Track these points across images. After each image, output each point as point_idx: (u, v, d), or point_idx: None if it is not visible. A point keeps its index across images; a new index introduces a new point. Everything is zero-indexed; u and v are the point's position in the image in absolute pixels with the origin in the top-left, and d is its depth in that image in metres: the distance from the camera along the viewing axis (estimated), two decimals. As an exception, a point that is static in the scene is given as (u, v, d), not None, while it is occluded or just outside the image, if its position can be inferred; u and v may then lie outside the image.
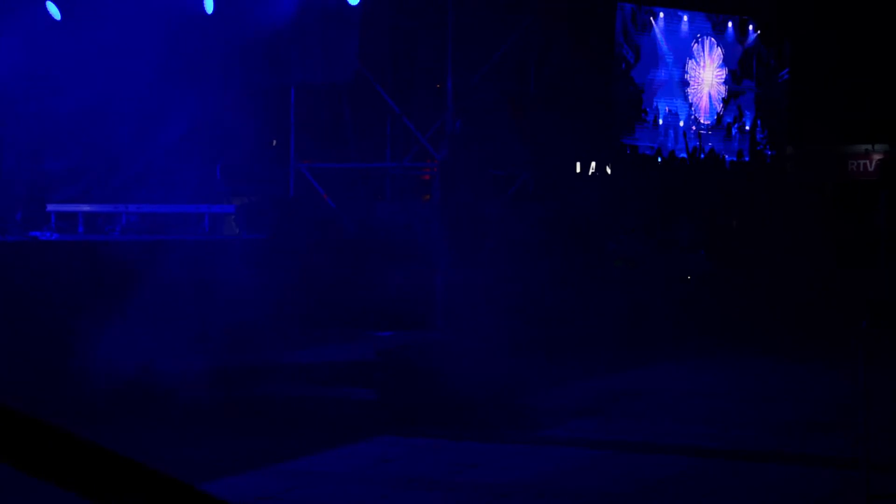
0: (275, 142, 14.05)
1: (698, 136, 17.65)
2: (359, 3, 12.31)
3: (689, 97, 17.66)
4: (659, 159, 16.04)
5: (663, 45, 17.13)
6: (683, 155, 16.88)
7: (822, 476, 6.36)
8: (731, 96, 18.26)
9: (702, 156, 17.07)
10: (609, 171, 14.47)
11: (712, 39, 17.90)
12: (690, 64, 17.62)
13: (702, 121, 17.80)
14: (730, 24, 18.14)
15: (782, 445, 7.08)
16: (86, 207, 12.48)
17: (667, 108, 17.20)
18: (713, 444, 7.05)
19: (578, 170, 14.11)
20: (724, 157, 17.77)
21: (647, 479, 6.25)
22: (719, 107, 18.13)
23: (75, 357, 8.26)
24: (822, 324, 11.45)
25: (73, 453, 1.53)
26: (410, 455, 6.75)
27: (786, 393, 8.91)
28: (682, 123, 17.36)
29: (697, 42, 17.70)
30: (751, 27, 18.42)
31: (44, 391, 7.59)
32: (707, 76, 17.89)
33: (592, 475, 6.34)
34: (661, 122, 17.04)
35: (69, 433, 1.54)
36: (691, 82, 17.68)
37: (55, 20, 12.72)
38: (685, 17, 17.48)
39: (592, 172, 14.44)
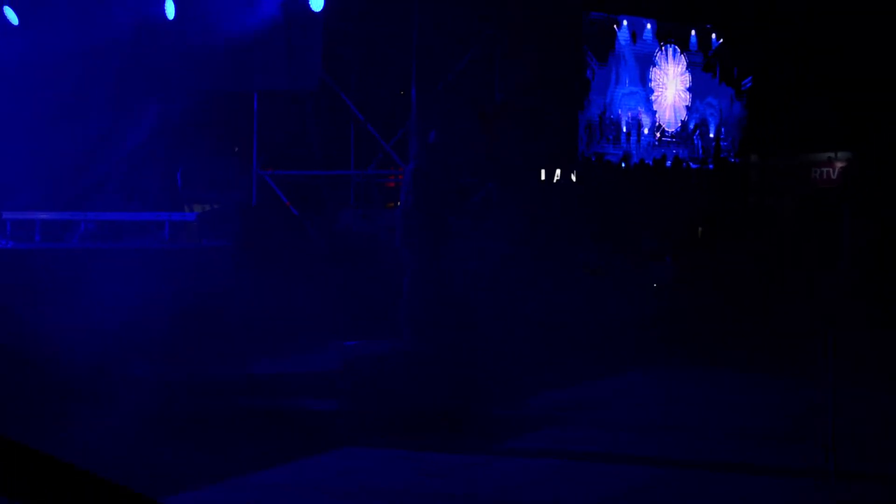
0: (237, 149, 13.91)
1: (663, 143, 17.69)
2: (322, 10, 12.22)
3: (654, 104, 17.69)
4: (623, 166, 16.04)
5: (627, 53, 17.16)
6: (648, 162, 16.90)
7: (789, 486, 6.32)
8: (695, 104, 18.33)
9: (667, 163, 17.10)
10: (574, 179, 14.46)
11: (676, 47, 17.95)
12: (654, 72, 17.66)
13: (666, 128, 17.84)
14: (693, 32, 18.21)
15: (748, 455, 7.04)
16: (43, 215, 12.28)
17: (631, 116, 17.22)
18: (678, 455, 7.00)
19: (543, 177, 14.08)
20: (688, 164, 17.81)
21: (613, 490, 6.19)
22: (683, 114, 18.18)
23: (28, 365, 8.10)
24: (786, 331, 11.45)
25: (26, 465, 1.48)
26: (374, 466, 6.66)
27: (751, 402, 8.89)
28: (646, 131, 17.39)
29: (661, 50, 17.75)
30: (714, 35, 18.50)
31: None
32: (671, 84, 17.94)
33: (557, 486, 6.27)
34: (625, 129, 17.05)
35: (22, 446, 1.49)
36: (655, 90, 17.71)
37: (13, 25, 12.53)
38: (648, 25, 17.51)
39: (557, 180, 14.42)
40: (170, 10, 12.49)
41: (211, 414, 7.94)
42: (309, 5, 12.17)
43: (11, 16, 12.51)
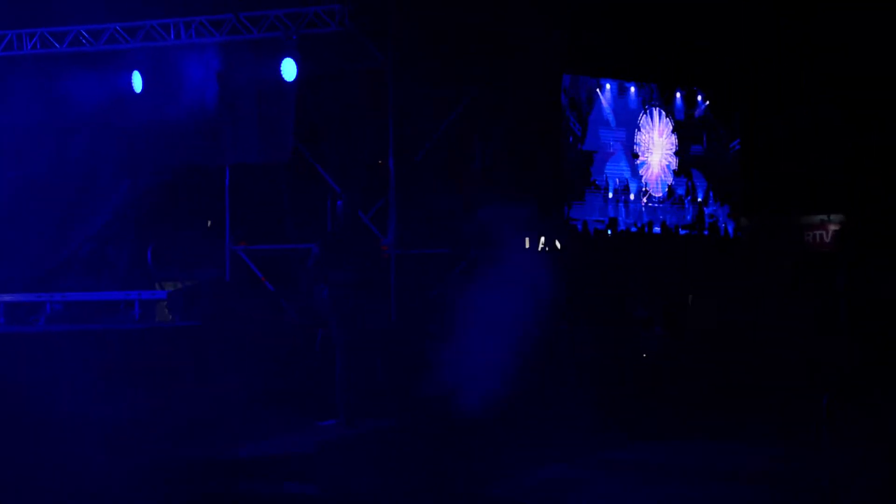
0: (210, 223, 13.57)
1: (650, 209, 17.41)
2: (295, 80, 11.97)
3: (639, 169, 17.47)
4: (609, 232, 15.76)
5: (611, 116, 16.98)
6: (635, 229, 16.62)
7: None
8: (682, 167, 18.12)
9: (655, 229, 16.81)
10: (559, 246, 14.15)
11: (661, 110, 17.78)
12: (639, 135, 17.46)
13: (653, 193, 17.58)
14: (678, 94, 18.06)
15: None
16: (6, 297, 11.92)
17: (617, 181, 16.99)
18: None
19: (528, 245, 13.76)
20: (677, 230, 17.52)
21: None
22: (670, 179, 17.95)
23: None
24: (784, 398, 11.07)
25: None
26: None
27: (745, 475, 8.44)
28: (632, 196, 17.14)
29: (646, 113, 17.57)
30: (699, 97, 18.36)
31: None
32: (656, 147, 17.74)
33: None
34: (610, 195, 16.80)
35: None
36: (640, 154, 17.50)
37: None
38: (632, 88, 17.36)
39: (542, 248, 14.10)
40: (137, 84, 12.23)
41: (185, 501, 7.54)
42: (281, 75, 11.93)
43: (-27, 91, 12.24)
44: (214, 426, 9.74)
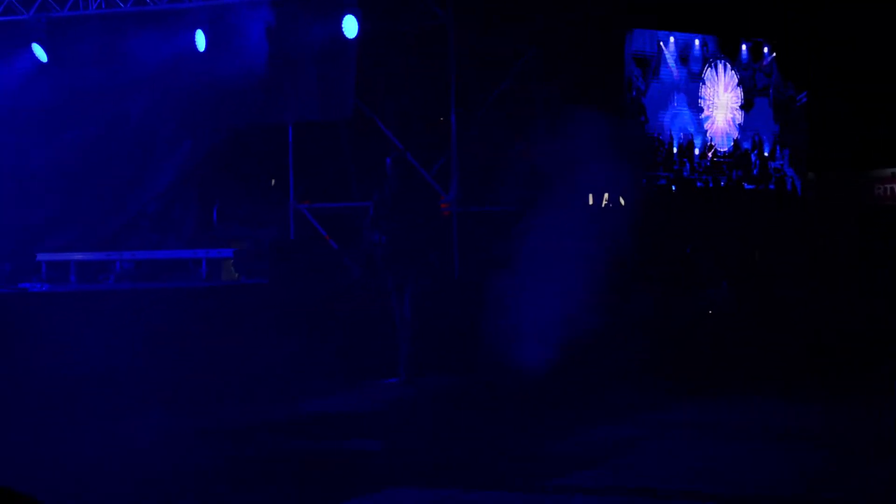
0: (273, 181, 13.64)
1: (715, 164, 17.13)
2: (356, 38, 11.93)
3: (704, 124, 17.18)
4: (674, 188, 15.56)
5: (675, 70, 16.69)
6: (700, 185, 16.37)
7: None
8: (748, 122, 17.78)
9: (721, 184, 16.56)
10: (623, 203, 13.99)
11: (726, 63, 17.43)
12: (704, 89, 17.15)
13: (718, 149, 17.30)
14: (744, 46, 17.69)
15: (804, 493, 6.50)
16: (78, 256, 12.09)
17: (681, 136, 16.72)
18: (732, 492, 6.48)
19: (591, 202, 13.65)
20: (743, 185, 17.22)
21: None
22: (736, 133, 17.63)
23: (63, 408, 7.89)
24: (850, 359, 10.90)
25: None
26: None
27: (809, 436, 8.30)
28: (697, 152, 16.87)
29: (711, 66, 17.24)
30: (766, 49, 17.96)
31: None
32: (722, 102, 17.41)
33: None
34: (675, 150, 16.55)
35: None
36: (706, 109, 17.19)
37: (42, 63, 12.37)
38: (697, 42, 17.03)
39: (606, 204, 13.97)
40: (200, 43, 12.25)
41: (250, 456, 7.69)
42: (342, 32, 11.89)
43: (40, 53, 12.35)
44: (278, 384, 9.86)
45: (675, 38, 16.72)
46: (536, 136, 13.06)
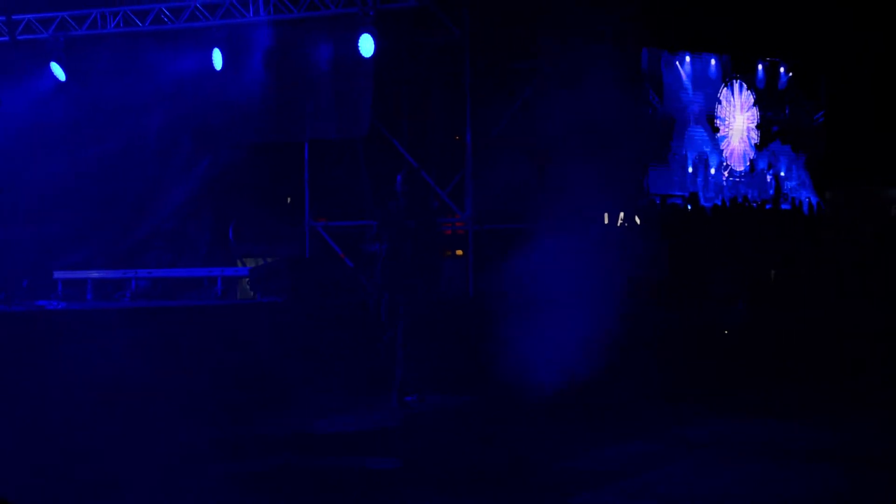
0: (289, 199, 13.65)
1: (730, 183, 17.10)
2: (372, 56, 11.96)
3: (720, 144, 17.14)
4: (689, 207, 15.50)
5: (691, 90, 16.68)
6: (717, 203, 16.32)
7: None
8: (765, 141, 17.73)
9: (738, 202, 16.49)
10: (638, 221, 13.95)
11: (742, 83, 17.42)
12: (720, 109, 17.13)
13: (734, 167, 17.25)
14: (760, 66, 17.67)
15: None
16: (94, 274, 12.11)
17: (697, 156, 16.69)
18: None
19: (607, 221, 13.62)
20: (760, 204, 17.17)
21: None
22: (752, 153, 17.59)
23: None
24: (870, 378, 10.83)
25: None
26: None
27: (833, 455, 8.24)
28: (713, 171, 16.83)
29: (727, 86, 17.23)
30: (782, 69, 17.94)
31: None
32: (738, 121, 17.38)
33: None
34: (690, 170, 16.51)
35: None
36: (721, 128, 17.17)
37: (60, 81, 12.43)
38: (713, 61, 17.02)
39: (621, 223, 13.93)
40: (217, 61, 12.30)
41: (268, 474, 7.62)
42: (359, 51, 11.92)
43: (59, 72, 12.41)
44: (296, 401, 9.83)
45: (690, 57, 16.71)
46: (552, 153, 13.05)
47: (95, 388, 8.41)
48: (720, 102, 17.18)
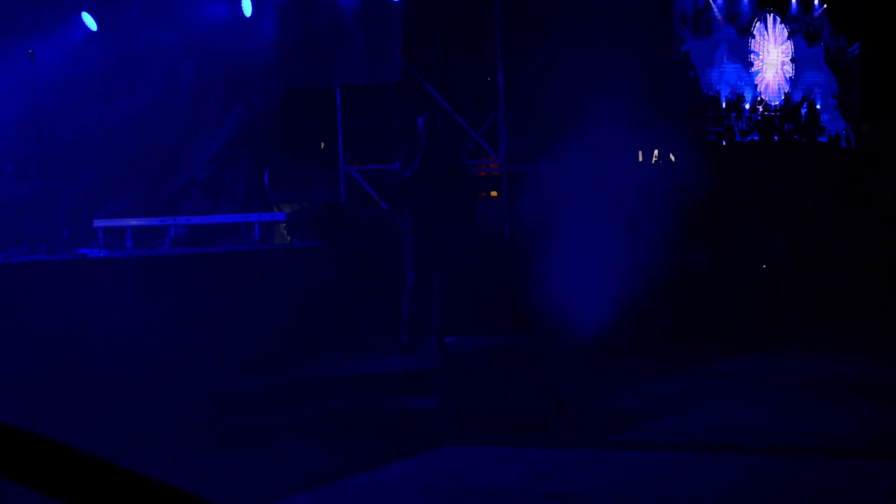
0: (323, 145, 13.66)
1: (766, 118, 16.91)
2: (401, 0, 11.89)
3: (754, 78, 16.93)
4: (724, 143, 15.37)
5: (723, 24, 16.45)
6: (752, 138, 16.16)
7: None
8: (799, 75, 17.49)
9: (775, 138, 16.33)
10: (673, 158, 13.85)
11: (776, 15, 17.15)
12: (753, 43, 16.89)
13: (769, 103, 17.05)
14: (794, -2, 17.43)
15: (882, 443, 6.45)
16: (133, 222, 12.19)
17: (730, 91, 16.50)
18: (805, 443, 6.45)
19: (641, 158, 13.53)
20: (795, 138, 16.99)
21: (735, 481, 5.67)
22: (787, 87, 17.37)
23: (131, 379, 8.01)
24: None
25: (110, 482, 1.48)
26: (480, 465, 6.25)
27: (865, 388, 8.24)
28: (747, 106, 16.64)
29: (759, 19, 16.97)
30: (816, 1, 17.66)
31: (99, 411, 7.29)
32: (772, 55, 17.15)
33: (676, 480, 5.77)
34: (724, 105, 16.34)
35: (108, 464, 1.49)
36: (755, 62, 16.94)
37: (91, 31, 12.44)
38: (745, -6, 16.81)
39: (656, 160, 13.84)
40: (247, 8, 12.26)
41: (309, 416, 7.74)
42: (388, -6, 11.86)
43: (90, 22, 12.40)
44: (338, 344, 9.93)
45: (722, -9, 16.50)
46: (584, 94, 12.95)
47: (141, 333, 8.53)
48: (753, 36, 16.94)
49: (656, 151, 13.81)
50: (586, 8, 12.81)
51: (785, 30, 17.34)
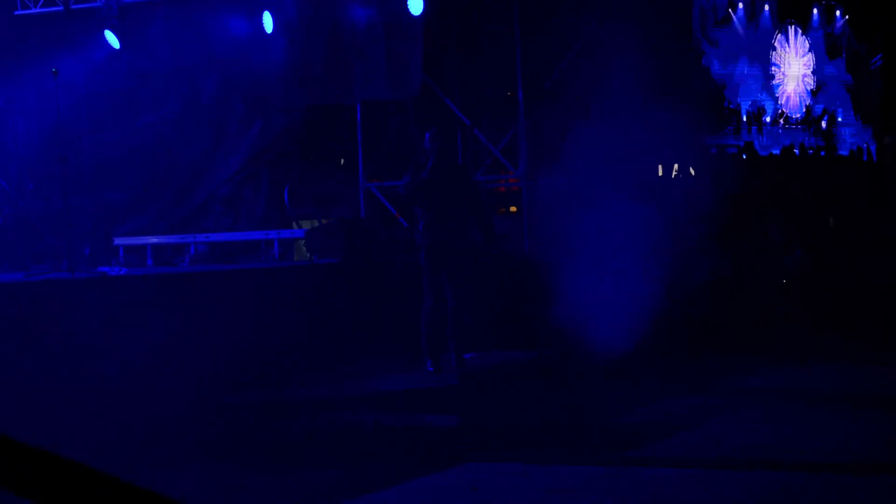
0: (343, 161, 13.68)
1: (787, 130, 16.85)
2: (421, 14, 11.91)
3: (776, 90, 16.87)
4: (745, 156, 15.31)
5: (744, 36, 16.39)
6: (774, 151, 16.09)
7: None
8: (821, 87, 17.41)
9: (796, 152, 16.26)
10: (693, 172, 13.81)
11: (797, 27, 17.09)
12: (774, 55, 16.84)
13: (790, 115, 16.98)
14: (815, 9, 17.33)
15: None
16: (153, 239, 12.25)
17: (751, 103, 16.44)
18: (822, 458, 6.40)
19: (661, 172, 13.50)
20: (816, 151, 16.91)
21: (758, 498, 5.63)
22: (808, 99, 17.29)
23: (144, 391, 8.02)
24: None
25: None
26: (499, 482, 6.23)
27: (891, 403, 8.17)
28: (768, 119, 16.58)
29: (781, 31, 16.91)
30: (838, 13, 17.58)
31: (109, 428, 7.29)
32: (793, 67, 17.08)
33: (698, 496, 5.73)
34: (745, 118, 16.28)
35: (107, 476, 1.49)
36: (776, 74, 16.88)
37: (114, 49, 12.54)
38: (766, 6, 16.71)
39: (675, 174, 13.80)
40: (268, 24, 12.32)
41: (328, 432, 7.74)
42: (408, 9, 11.87)
43: (113, 40, 12.51)
44: (356, 360, 9.92)
45: (743, 3, 16.43)
46: (604, 106, 12.93)
47: (161, 351, 8.55)
48: (775, 48, 16.88)
49: (676, 165, 13.78)
50: (607, 19, 12.81)
51: (806, 42, 17.28)
